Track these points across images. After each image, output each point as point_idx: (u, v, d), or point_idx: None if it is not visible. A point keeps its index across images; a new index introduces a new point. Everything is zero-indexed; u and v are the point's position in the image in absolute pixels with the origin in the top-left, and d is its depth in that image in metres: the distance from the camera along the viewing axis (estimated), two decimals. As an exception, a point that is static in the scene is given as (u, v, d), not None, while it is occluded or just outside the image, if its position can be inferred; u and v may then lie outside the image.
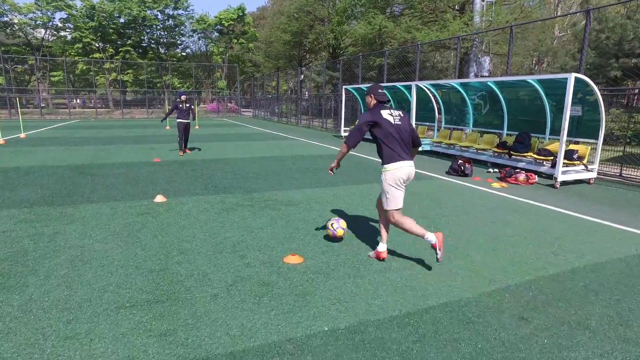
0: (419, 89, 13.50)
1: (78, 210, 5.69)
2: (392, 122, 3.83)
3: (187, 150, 12.23)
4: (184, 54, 47.44)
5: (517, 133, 10.69)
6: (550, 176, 9.15)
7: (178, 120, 11.67)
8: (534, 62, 25.56)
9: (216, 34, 43.70)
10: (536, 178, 8.73)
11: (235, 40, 41.39)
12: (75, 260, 3.93)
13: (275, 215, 5.64)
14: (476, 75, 18.47)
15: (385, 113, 3.84)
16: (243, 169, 9.43)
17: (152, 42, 44.54)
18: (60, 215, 5.41)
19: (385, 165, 3.88)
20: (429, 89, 13.41)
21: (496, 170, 10.03)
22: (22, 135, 16.49)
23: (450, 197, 6.94)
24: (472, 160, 9.86)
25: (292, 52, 37.60)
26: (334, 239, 4.59)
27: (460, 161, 9.51)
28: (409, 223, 3.86)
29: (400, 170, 3.81)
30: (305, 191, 7.17)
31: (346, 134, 18.31)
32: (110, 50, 40.47)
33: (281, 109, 31.78)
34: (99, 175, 8.34)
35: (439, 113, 14.12)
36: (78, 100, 45.17)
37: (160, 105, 42.71)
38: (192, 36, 46.01)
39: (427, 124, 14.45)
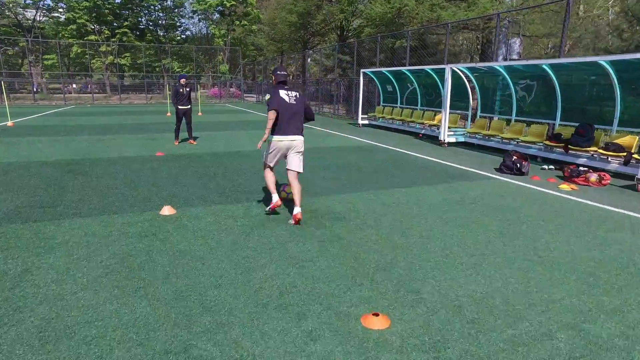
0: (440, 72, 12.02)
1: (60, 229, 4.32)
2: (287, 101, 4.56)
3: (192, 141, 10.84)
4: (183, 36, 45.40)
5: (574, 124, 9.28)
6: (620, 175, 7.79)
7: (177, 106, 10.28)
8: (568, 44, 23.74)
9: (217, 15, 41.58)
10: (610, 178, 7.36)
11: (238, 22, 39.34)
12: (46, 330, 2.56)
13: (323, 236, 4.28)
14: (504, 59, 16.93)
15: (282, 93, 4.59)
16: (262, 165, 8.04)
17: (150, 24, 42.48)
18: (36, 238, 4.04)
19: (272, 135, 4.67)
20: (463, 73, 11.91)
21: (551, 167, 8.66)
22: (9, 123, 15.01)
23: (524, 206, 5.58)
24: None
25: (297, 34, 35.76)
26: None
27: (514, 157, 8.12)
28: (270, 179, 4.87)
29: (281, 143, 4.66)
30: (345, 197, 5.80)
31: (364, 122, 16.91)
32: (107, 32, 38.49)
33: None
34: (91, 175, 6.94)
35: (474, 100, 12.67)
36: (74, 85, 43.36)
37: (159, 90, 40.97)
38: (192, 17, 43.91)
39: (458, 112, 13.00)
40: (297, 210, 4.57)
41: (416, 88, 14.45)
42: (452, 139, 11.62)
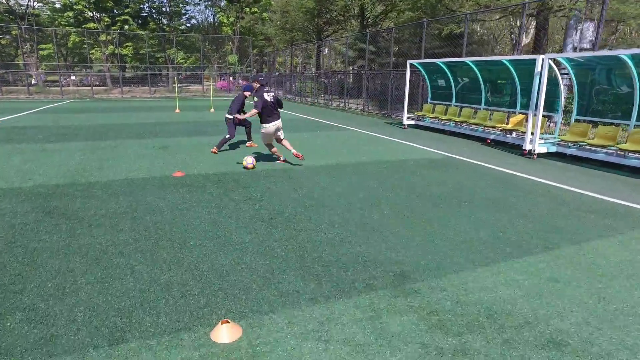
0: (525, 63, 9.50)
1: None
2: (268, 99, 6.79)
3: (252, 144, 9.55)
4: (188, 25, 42.60)
5: None
6: None
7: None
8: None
9: (225, 1, 38.72)
10: None
11: (248, 10, 36.52)
12: None
13: None
14: (574, 48, 14.38)
15: (265, 95, 6.78)
16: (327, 193, 5.60)
17: (153, 11, 39.70)
18: None
19: (263, 125, 6.94)
20: (565, 63, 9.35)
21: None
22: (-9, 123, 12.61)
23: None
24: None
25: (311, 22, 33.06)
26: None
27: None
28: (274, 149, 7.49)
29: (270, 127, 6.96)
30: (487, 277, 3.38)
31: (410, 122, 14.43)
32: (107, 19, 35.75)
33: (305, 87, 27.59)
34: (82, 219, 4.52)
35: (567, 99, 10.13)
36: (73, 77, 40.77)
37: (163, 83, 38.34)
38: (198, 4, 41.07)
39: (543, 113, 10.43)
40: (295, 151, 7.26)
41: (480, 83, 11.95)
42: (543, 149, 9.17)
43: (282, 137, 7.27)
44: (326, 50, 30.81)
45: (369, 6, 23.81)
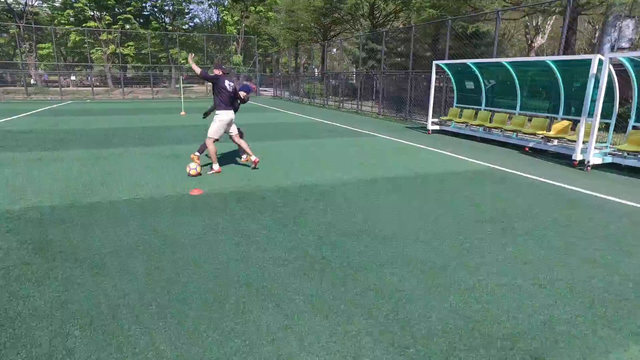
0: (573, 64, 8.57)
1: None
2: (228, 88, 6.55)
3: (248, 158, 7.54)
4: (191, 24, 41.62)
5: None
6: None
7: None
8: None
9: (229, 0, 37.76)
10: None
11: (253, 8, 35.53)
12: None
13: None
14: (612, 47, 13.44)
15: (225, 82, 6.54)
16: (372, 216, 4.62)
17: (155, 9, 38.72)
18: None
19: (218, 111, 6.61)
20: (626, 63, 8.40)
21: None
22: (-17, 127, 11.64)
23: None
24: None
25: (319, 21, 32.10)
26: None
27: None
28: (212, 150, 6.68)
29: (225, 115, 6.60)
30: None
31: (434, 127, 13.47)
32: (108, 18, 34.79)
33: (313, 88, 26.61)
34: (77, 262, 3.53)
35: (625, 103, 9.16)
36: (73, 78, 39.79)
37: (165, 83, 37.39)
38: (201, 3, 40.10)
39: (588, 119, 9.47)
40: (254, 157, 7.07)
41: (516, 86, 10.98)
42: (597, 160, 8.21)
43: (233, 133, 6.99)
44: (334, 50, 29.86)
45: (381, 4, 22.83)
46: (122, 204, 5.08)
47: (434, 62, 12.58)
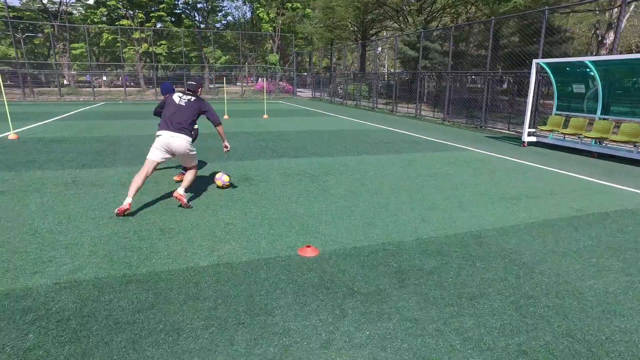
0: None
1: None
2: (177, 102, 4.88)
3: (223, 182, 5.62)
4: (224, 22, 40.29)
5: None
6: None
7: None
8: None
9: (266, -5, 36.20)
10: None
11: (290, 5, 33.83)
12: None
13: None
14: None
15: (175, 96, 4.95)
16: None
17: (187, 7, 37.58)
18: None
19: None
20: None
21: None
22: (11, 135, 10.19)
23: None
24: None
25: (360, 19, 30.11)
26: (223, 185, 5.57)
27: None
28: (137, 181, 4.53)
29: (161, 136, 4.69)
30: None
31: (531, 138, 11.30)
32: (141, 16, 33.84)
33: (359, 89, 24.65)
34: None
35: None
36: (105, 78, 39.19)
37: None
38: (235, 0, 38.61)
39: None
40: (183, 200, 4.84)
41: (618, 90, 8.72)
42: None
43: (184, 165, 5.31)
44: (379, 49, 27.88)
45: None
46: (202, 276, 3.24)
47: (534, 61, 10.39)
